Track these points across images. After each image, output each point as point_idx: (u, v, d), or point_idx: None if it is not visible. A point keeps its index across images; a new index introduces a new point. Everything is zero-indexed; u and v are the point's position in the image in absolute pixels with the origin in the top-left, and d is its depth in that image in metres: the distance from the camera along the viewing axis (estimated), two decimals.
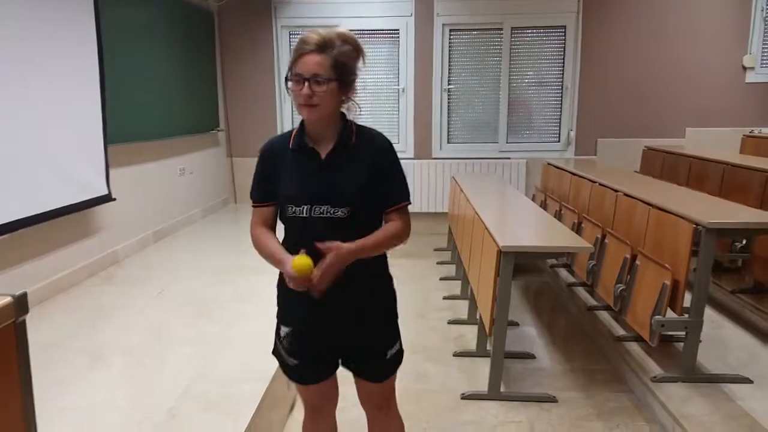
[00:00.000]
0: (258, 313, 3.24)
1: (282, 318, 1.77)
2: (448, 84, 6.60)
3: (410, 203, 1.70)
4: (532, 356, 3.31)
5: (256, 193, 1.70)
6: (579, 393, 2.92)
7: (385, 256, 1.74)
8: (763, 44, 6.30)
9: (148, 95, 4.97)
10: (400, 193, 1.68)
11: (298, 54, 1.54)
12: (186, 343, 2.98)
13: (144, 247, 4.97)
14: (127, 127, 4.58)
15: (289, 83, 1.56)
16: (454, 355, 3.32)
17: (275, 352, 1.82)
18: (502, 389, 2.86)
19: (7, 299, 1.16)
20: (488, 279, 2.91)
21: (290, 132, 1.68)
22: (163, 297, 3.71)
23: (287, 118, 6.76)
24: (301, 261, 1.49)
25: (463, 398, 2.84)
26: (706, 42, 6.31)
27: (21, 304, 1.19)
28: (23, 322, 1.20)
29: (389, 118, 6.68)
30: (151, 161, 5.18)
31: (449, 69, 6.59)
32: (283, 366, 1.80)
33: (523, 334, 3.66)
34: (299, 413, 2.65)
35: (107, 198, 4.22)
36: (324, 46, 1.52)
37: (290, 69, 1.56)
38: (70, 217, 3.93)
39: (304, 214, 1.59)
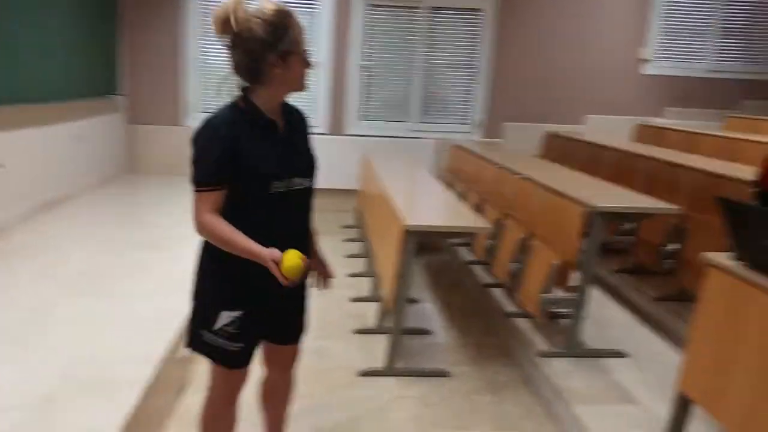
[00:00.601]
0: (149, 290, 3.12)
1: (229, 302, 1.66)
2: (365, 60, 6.55)
3: None
4: (428, 332, 3.39)
5: (214, 176, 1.54)
6: (471, 367, 3.02)
7: None
8: (659, 37, 6.68)
9: (38, 54, 4.59)
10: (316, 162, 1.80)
11: (303, 27, 1.58)
12: (69, 322, 2.81)
13: (32, 218, 4.64)
14: (13, 87, 4.23)
15: (301, 62, 1.58)
16: (354, 333, 3.35)
17: (201, 344, 1.68)
18: (398, 365, 2.92)
19: None
20: (392, 257, 2.94)
21: (233, 107, 1.59)
22: (48, 271, 3.48)
23: (192, 85, 6.48)
24: (293, 262, 1.49)
25: (360, 375, 2.87)
26: (608, 34, 6.62)
27: None
28: None
29: (304, 93, 6.55)
30: (40, 125, 4.81)
31: (366, 45, 6.53)
32: (220, 354, 1.69)
33: (421, 311, 3.74)
34: (190, 397, 2.59)
35: None
36: None
37: (302, 47, 1.56)
38: None
39: (284, 189, 1.59)
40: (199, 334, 1.68)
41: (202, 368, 2.87)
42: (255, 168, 1.55)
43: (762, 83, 6.82)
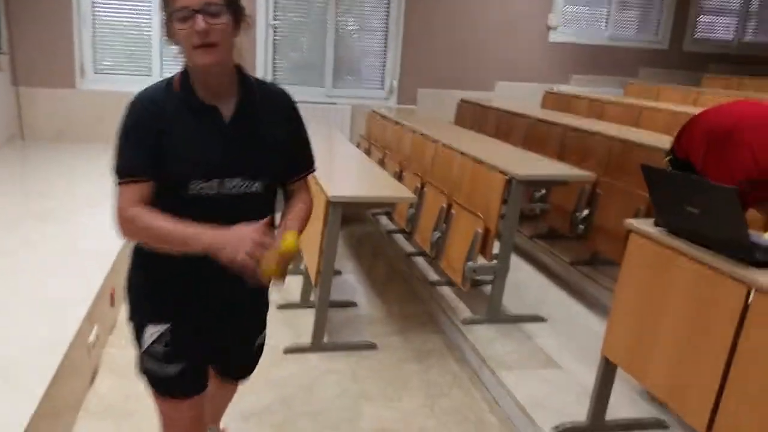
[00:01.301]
0: (50, 267, 2.86)
1: (151, 314, 1.40)
2: (275, 20, 6.26)
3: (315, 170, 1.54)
4: (354, 304, 3.37)
5: (130, 162, 1.28)
6: (397, 337, 3.03)
7: None
8: (565, 5, 6.85)
9: None
10: (307, 159, 1.51)
11: None
12: None
13: None
14: None
15: (175, 24, 1.22)
16: (277, 308, 3.26)
17: (141, 369, 1.44)
18: (325, 339, 2.87)
19: None
20: (315, 229, 2.85)
21: (166, 83, 1.32)
22: None
23: (87, 43, 5.94)
24: (291, 242, 1.27)
25: (286, 352, 2.80)
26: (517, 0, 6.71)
27: None
28: None
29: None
30: None
31: (275, 3, 6.24)
32: (155, 380, 1.42)
33: (344, 283, 3.70)
34: (102, 384, 2.42)
35: None
36: None
37: (167, 4, 1.23)
38: None
39: (213, 191, 1.29)
40: (138, 358, 1.44)
41: (114, 352, 2.69)
42: (171, 160, 1.27)
43: (657, 52, 7.20)
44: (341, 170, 3.51)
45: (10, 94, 5.83)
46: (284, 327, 3.07)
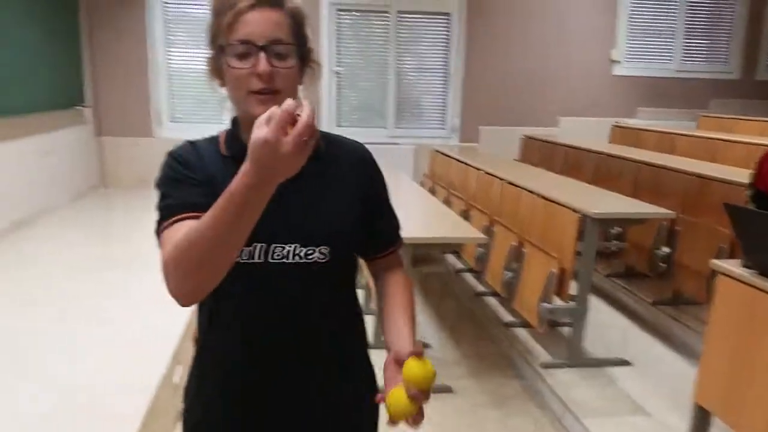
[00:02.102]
0: (133, 312, 2.97)
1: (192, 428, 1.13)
2: (337, 65, 6.45)
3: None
4: (427, 345, 3.33)
5: (174, 201, 0.98)
6: (472, 381, 2.97)
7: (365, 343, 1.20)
8: (628, 38, 6.77)
9: None
10: (395, 229, 1.18)
11: (237, 10, 0.94)
12: (56, 349, 2.65)
13: (2, 238, 4.40)
14: None
15: (229, 60, 0.97)
16: None
17: None
18: None
19: None
20: None
21: (215, 138, 1.09)
22: (27, 294, 3.29)
23: (163, 94, 6.28)
24: (421, 370, 0.93)
25: None
26: (577, 35, 6.67)
27: None
28: None
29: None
30: (4, 140, 4.58)
31: (338, 51, 6.45)
32: None
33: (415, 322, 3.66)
34: None
35: None
36: None
37: (222, 36, 0.97)
38: None
39: (258, 259, 0.99)
40: None
41: None
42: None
43: (728, 82, 6.98)
44: (407, 210, 3.48)
45: (94, 145, 6.20)
46: None
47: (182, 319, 2.80)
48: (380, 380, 1.07)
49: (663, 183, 3.78)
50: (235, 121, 1.07)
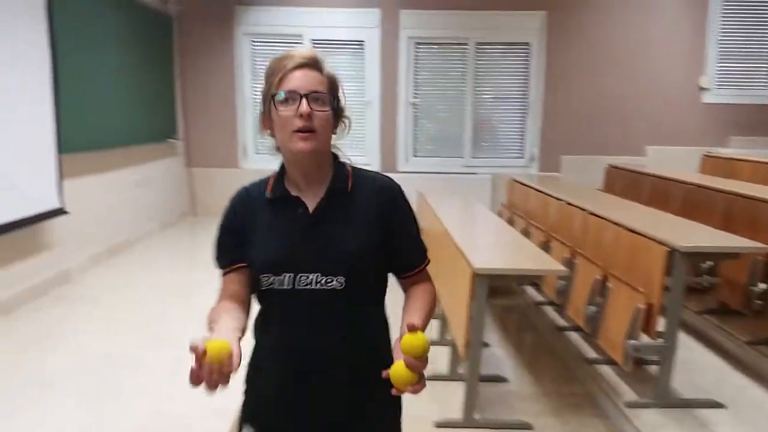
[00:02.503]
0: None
1: (243, 413, 1.36)
2: (414, 97, 6.55)
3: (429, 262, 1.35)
4: (504, 379, 3.25)
5: (220, 255, 1.30)
6: (553, 419, 2.86)
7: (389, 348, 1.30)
8: (718, 65, 6.49)
9: (102, 102, 4.74)
10: (419, 252, 1.35)
11: (286, 71, 1.19)
12: (141, 372, 2.80)
13: (98, 264, 4.72)
14: (80, 135, 4.36)
15: (277, 108, 1.19)
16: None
17: None
18: (476, 416, 2.79)
19: None
20: (461, 300, 2.84)
21: (267, 179, 1.31)
22: (116, 318, 3.50)
23: (249, 128, 6.59)
24: (414, 343, 1.07)
25: (437, 426, 2.74)
26: (664, 63, 6.46)
27: None
28: None
29: (354, 131, 6.56)
30: (105, 171, 4.94)
31: (415, 82, 6.55)
32: None
33: (492, 356, 3.60)
34: None
35: (59, 211, 3.98)
36: (317, 61, 1.22)
37: (272, 91, 1.20)
38: (19, 233, 3.68)
39: (286, 286, 1.21)
40: None
41: None
42: (250, 254, 1.26)
43: None
44: (485, 241, 3.48)
45: (185, 176, 6.57)
46: (432, 399, 3.02)
47: None
48: None
49: (758, 215, 3.56)
50: (282, 168, 1.29)
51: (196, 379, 1.00)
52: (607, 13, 6.40)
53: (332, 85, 1.24)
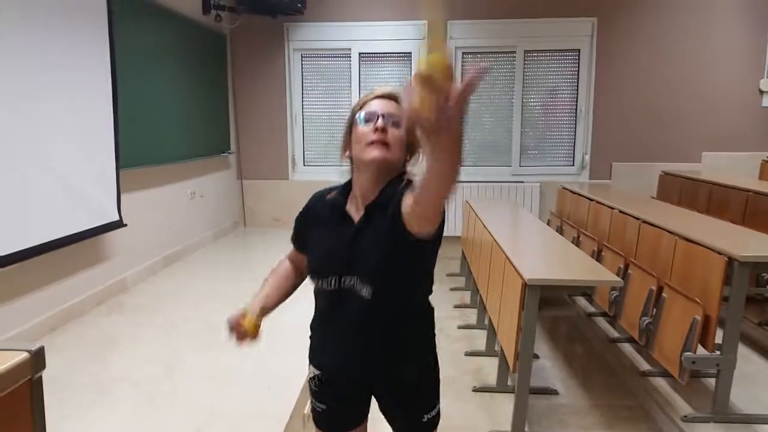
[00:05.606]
0: (271, 345, 3.15)
1: (311, 357, 1.60)
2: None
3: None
4: (555, 392, 3.20)
5: (294, 234, 1.62)
6: None
7: (431, 325, 1.53)
8: None
9: (160, 118, 4.93)
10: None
11: (368, 99, 1.40)
12: (197, 378, 2.89)
13: (153, 274, 4.89)
14: (138, 151, 4.54)
15: (358, 127, 1.36)
16: (473, 390, 3.21)
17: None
18: (526, 429, 2.75)
19: (24, 356, 1.08)
20: (511, 311, 2.82)
21: (339, 188, 1.49)
22: (173, 326, 3.62)
23: (298, 141, 6.72)
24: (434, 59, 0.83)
25: None
26: (722, 65, 6.26)
27: (38, 359, 1.10)
28: (39, 379, 1.12)
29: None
30: (161, 185, 5.12)
31: None
32: (313, 413, 1.63)
33: (542, 368, 3.55)
34: None
35: (118, 224, 4.15)
36: (395, 96, 1.39)
37: (356, 114, 1.40)
38: (81, 244, 3.86)
39: (333, 287, 1.40)
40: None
41: None
42: (306, 249, 1.54)
43: None
44: (534, 250, 3.44)
45: (236, 187, 6.74)
46: (481, 411, 3.00)
47: None
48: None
49: None
50: (348, 183, 1.46)
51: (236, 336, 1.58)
52: (660, 17, 6.25)
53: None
